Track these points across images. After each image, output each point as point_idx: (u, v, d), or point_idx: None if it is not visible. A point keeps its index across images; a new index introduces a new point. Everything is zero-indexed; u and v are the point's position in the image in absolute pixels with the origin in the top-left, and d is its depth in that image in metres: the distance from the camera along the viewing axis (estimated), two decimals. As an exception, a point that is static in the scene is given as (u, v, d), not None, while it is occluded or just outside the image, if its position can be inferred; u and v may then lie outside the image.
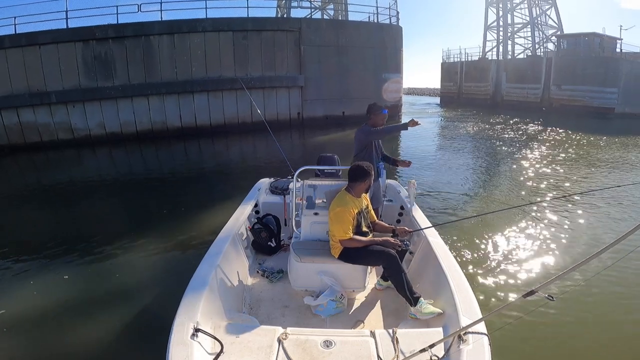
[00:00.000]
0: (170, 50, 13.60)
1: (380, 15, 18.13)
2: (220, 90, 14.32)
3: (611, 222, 5.46)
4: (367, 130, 3.55)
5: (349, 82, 16.20)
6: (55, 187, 8.25)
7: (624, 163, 9.83)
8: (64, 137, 12.67)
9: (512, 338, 2.64)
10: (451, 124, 18.78)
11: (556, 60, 24.51)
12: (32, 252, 4.66)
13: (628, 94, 21.79)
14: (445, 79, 34.19)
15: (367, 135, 3.54)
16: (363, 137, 3.56)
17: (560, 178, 8.08)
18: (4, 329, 3.12)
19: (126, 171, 9.88)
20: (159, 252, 4.58)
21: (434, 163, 9.73)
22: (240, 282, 2.94)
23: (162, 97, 13.66)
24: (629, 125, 18.09)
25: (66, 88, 12.53)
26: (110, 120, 13.18)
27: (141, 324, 3.12)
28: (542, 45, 30.46)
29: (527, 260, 4.19)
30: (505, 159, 10.10)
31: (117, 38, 12.98)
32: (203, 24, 13.92)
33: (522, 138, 13.69)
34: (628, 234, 1.24)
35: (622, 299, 3.41)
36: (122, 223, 5.56)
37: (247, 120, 14.77)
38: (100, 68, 12.86)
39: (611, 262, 1.83)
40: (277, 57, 15.02)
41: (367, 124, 3.62)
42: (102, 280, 3.98)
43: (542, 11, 30.39)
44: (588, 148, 11.78)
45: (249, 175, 8.47)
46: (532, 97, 25.66)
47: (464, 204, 6.34)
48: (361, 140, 3.57)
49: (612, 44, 23.84)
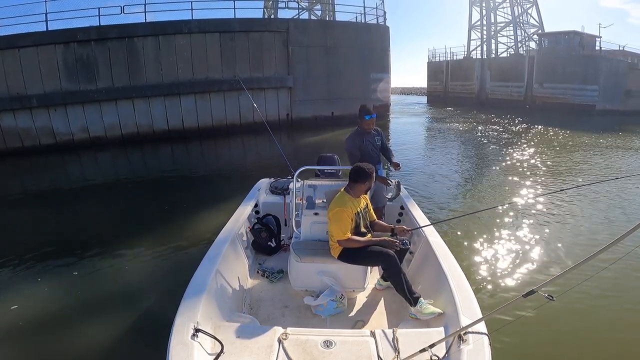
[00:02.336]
0: (155, 52, 13.37)
1: (367, 15, 18.22)
2: (208, 92, 14.15)
3: (611, 218, 5.47)
4: (346, 141, 3.62)
5: (337, 82, 16.22)
6: (47, 191, 8.06)
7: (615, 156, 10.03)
8: (46, 142, 12.30)
9: (512, 338, 2.65)
10: (438, 123, 18.99)
11: (538, 58, 25.05)
12: (30, 255, 4.58)
13: (608, 91, 22.42)
14: (432, 78, 34.64)
15: (345, 143, 3.64)
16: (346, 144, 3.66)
17: (554, 174, 8.15)
18: (5, 330, 3.13)
19: (115, 175, 9.66)
20: (159, 253, 4.57)
21: (425, 161, 9.82)
22: (240, 282, 2.93)
23: (147, 99, 13.40)
24: (610, 121, 18.63)
25: (47, 91, 12.19)
26: (94, 123, 12.86)
27: (141, 325, 3.13)
28: (524, 44, 31.14)
29: (527, 259, 4.18)
30: (495, 158, 10.20)
31: (100, 40, 12.68)
32: (189, 26, 13.73)
33: (509, 136, 13.93)
34: (628, 233, 1.25)
35: (622, 298, 3.42)
36: (120, 225, 5.56)
37: (235, 122, 14.64)
38: (82, 71, 12.56)
39: (612, 262, 1.84)
40: (265, 58, 14.92)
41: (356, 129, 3.67)
42: (102, 281, 3.98)
43: (524, 10, 31.03)
44: (576, 144, 12.07)
45: (241, 177, 8.44)
46: (515, 95, 26.15)
47: (461, 203, 6.37)
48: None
49: (591, 42, 24.52)
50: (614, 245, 1.28)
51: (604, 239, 4.66)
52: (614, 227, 5.13)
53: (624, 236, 1.26)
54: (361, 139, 3.62)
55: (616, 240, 1.28)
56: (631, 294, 3.51)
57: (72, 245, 4.90)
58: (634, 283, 3.66)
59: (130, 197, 7.44)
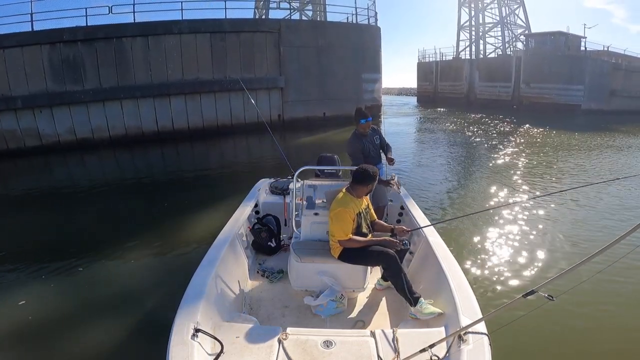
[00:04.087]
0: (144, 53, 13.17)
1: (358, 15, 18.28)
2: (199, 93, 14.01)
3: (611, 218, 5.48)
4: (347, 143, 3.66)
5: (329, 82, 16.23)
6: (32, 194, 7.85)
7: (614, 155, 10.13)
8: (32, 144, 12.00)
9: (512, 338, 2.65)
10: (429, 124, 19.09)
11: (525, 58, 25.44)
12: (28, 259, 4.56)
13: (593, 91, 22.91)
14: (421, 79, 34.92)
15: (347, 146, 3.67)
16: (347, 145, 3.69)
17: (554, 174, 8.14)
18: (5, 330, 3.13)
19: (104, 177, 9.49)
20: (158, 254, 4.57)
21: (420, 161, 9.79)
22: (240, 282, 2.92)
23: (136, 100, 13.19)
24: (597, 120, 18.99)
25: (32, 92, 11.91)
26: (81, 125, 12.60)
27: (141, 325, 3.12)
28: (511, 44, 31.67)
29: (527, 259, 4.17)
30: (495, 157, 10.09)
31: (87, 41, 12.45)
32: (179, 26, 13.57)
33: (502, 137, 13.97)
34: (628, 233, 1.25)
35: (622, 298, 3.43)
36: (119, 226, 5.56)
37: (226, 123, 14.52)
38: (68, 71, 12.30)
39: (612, 262, 1.85)
40: (257, 59, 14.85)
41: (355, 130, 3.69)
42: (102, 281, 3.96)
43: (511, 11, 31.55)
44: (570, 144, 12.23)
45: (236, 179, 8.35)
46: (503, 95, 26.47)
47: (461, 204, 6.34)
48: None
49: (576, 42, 24.99)
50: (614, 245, 1.28)
51: (604, 239, 4.61)
52: (614, 228, 5.12)
53: (624, 236, 1.25)
54: (361, 141, 3.63)
55: (617, 240, 1.27)
56: (631, 295, 3.52)
57: (70, 248, 4.83)
58: (634, 284, 3.66)
59: (124, 199, 7.33)
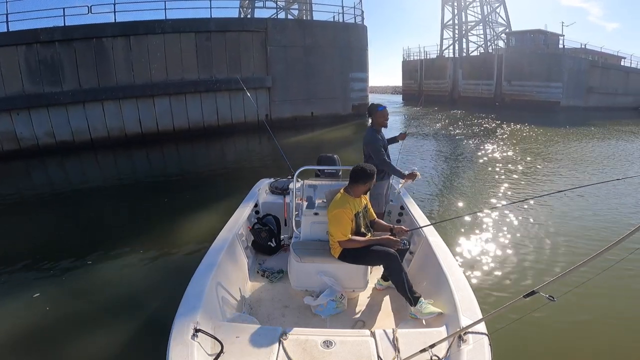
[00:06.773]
0: (125, 53, 12.83)
1: (345, 14, 18.29)
2: (183, 94, 13.76)
3: (612, 219, 5.46)
4: (369, 138, 3.49)
5: (316, 82, 16.20)
6: (11, 199, 7.56)
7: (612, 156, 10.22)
8: (9, 148, 11.55)
9: (512, 338, 2.66)
10: (417, 121, 19.25)
11: (506, 56, 26.03)
12: (27, 261, 4.52)
13: (571, 88, 23.64)
14: (407, 77, 35.33)
15: (366, 145, 3.52)
16: (364, 144, 3.54)
17: (552, 175, 8.13)
18: (6, 331, 3.13)
19: (83, 181, 9.21)
20: (158, 254, 4.54)
21: (420, 161, 9.67)
22: (240, 282, 2.90)
23: (118, 102, 12.85)
24: (577, 117, 19.50)
25: (9, 94, 11.46)
26: (60, 127, 12.20)
27: (141, 325, 3.12)
28: (493, 43, 32.32)
29: (528, 259, 4.16)
30: (493, 158, 10.00)
31: (65, 41, 12.04)
32: (162, 26, 13.27)
33: (495, 136, 14.03)
34: (630, 234, 1.25)
35: (623, 299, 3.43)
36: (118, 227, 5.55)
37: (213, 124, 14.32)
38: (46, 73, 11.88)
39: (613, 262, 1.88)
40: (243, 58, 14.68)
41: (372, 127, 3.56)
42: (102, 282, 3.94)
43: (493, 9, 32.20)
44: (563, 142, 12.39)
45: (229, 178, 8.26)
46: (486, 92, 27.03)
47: (461, 204, 6.34)
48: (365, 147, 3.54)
49: (555, 40, 25.72)
50: (615, 246, 1.28)
51: (605, 239, 4.62)
52: (615, 228, 5.10)
53: (625, 237, 1.26)
54: (381, 136, 3.54)
55: (618, 241, 1.28)
56: (632, 295, 3.52)
57: (68, 248, 4.80)
58: (635, 284, 3.67)
59: (111, 202, 7.16)
